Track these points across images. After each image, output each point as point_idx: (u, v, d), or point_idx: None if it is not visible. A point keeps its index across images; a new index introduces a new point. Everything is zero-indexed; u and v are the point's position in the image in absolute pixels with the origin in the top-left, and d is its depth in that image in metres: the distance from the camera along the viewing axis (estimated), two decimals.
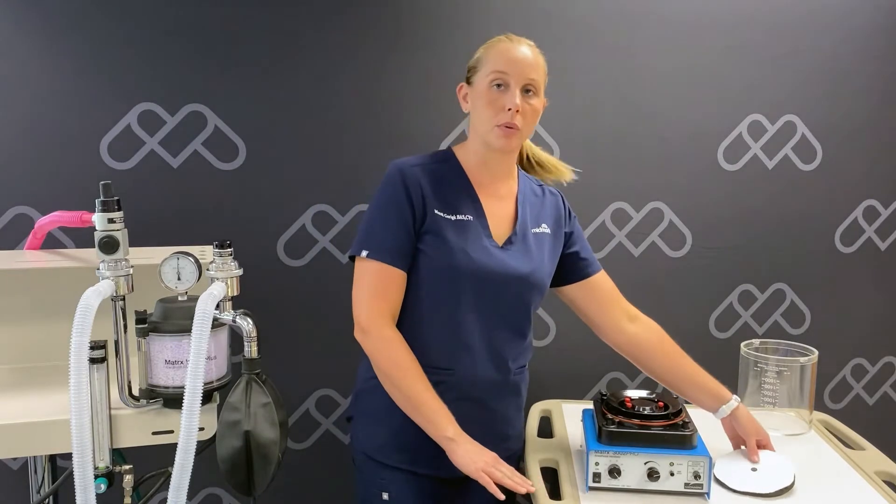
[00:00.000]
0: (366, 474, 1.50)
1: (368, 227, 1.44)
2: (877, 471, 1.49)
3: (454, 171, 1.49)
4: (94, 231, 1.27)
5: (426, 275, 1.42)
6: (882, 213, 2.34)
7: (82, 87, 1.86)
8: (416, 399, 1.37)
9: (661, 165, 2.18)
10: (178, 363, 1.30)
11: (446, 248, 1.41)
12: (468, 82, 1.48)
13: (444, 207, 1.44)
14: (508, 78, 1.41)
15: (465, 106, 1.50)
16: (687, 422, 1.41)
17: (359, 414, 1.53)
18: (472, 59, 1.48)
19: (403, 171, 1.44)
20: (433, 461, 1.42)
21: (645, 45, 2.12)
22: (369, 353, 1.42)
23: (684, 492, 1.36)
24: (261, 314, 1.35)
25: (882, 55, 2.25)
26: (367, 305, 1.40)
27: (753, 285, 2.29)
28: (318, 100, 1.98)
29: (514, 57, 1.42)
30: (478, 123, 1.46)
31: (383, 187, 1.45)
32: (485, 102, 1.42)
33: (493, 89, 1.41)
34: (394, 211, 1.41)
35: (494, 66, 1.42)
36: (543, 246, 1.53)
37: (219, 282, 1.29)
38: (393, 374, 1.39)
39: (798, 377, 1.65)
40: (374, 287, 1.41)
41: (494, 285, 1.44)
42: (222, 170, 1.96)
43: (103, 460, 1.28)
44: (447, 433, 1.34)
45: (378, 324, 1.40)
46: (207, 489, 2.05)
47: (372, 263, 1.40)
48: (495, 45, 1.45)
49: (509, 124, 1.41)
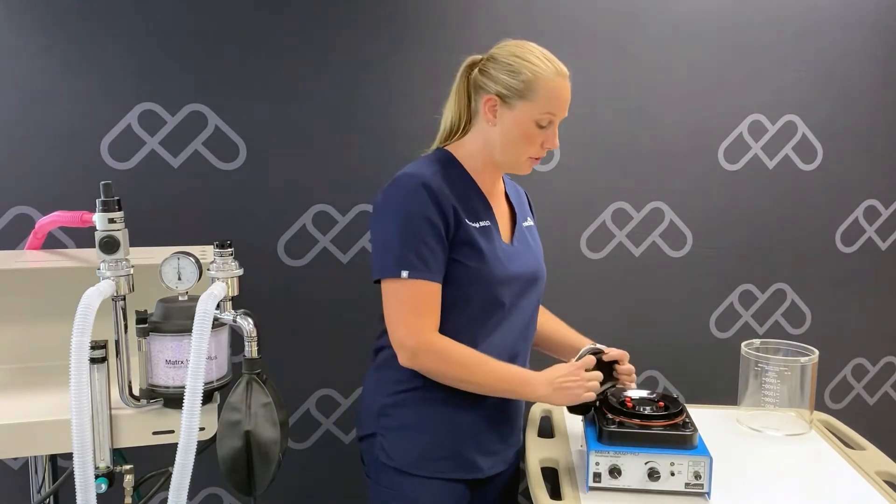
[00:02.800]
0: (393, 489, 1.46)
1: (404, 247, 1.36)
2: (877, 471, 1.49)
3: (463, 177, 1.46)
4: (95, 231, 1.27)
5: (461, 283, 1.40)
6: (883, 213, 2.34)
7: (83, 87, 1.86)
8: (498, 384, 1.42)
9: (661, 165, 2.18)
10: (178, 363, 1.30)
11: (481, 257, 1.40)
12: (503, 101, 1.40)
13: (470, 216, 1.42)
14: (555, 118, 1.40)
15: (490, 119, 1.42)
16: (687, 422, 1.41)
17: (385, 430, 1.47)
18: (514, 78, 1.38)
19: (428, 184, 1.37)
20: (467, 465, 1.46)
21: (645, 45, 2.12)
22: (427, 371, 1.40)
23: (685, 492, 1.36)
24: (261, 314, 1.35)
25: (882, 55, 2.25)
26: (412, 327, 1.37)
27: (754, 285, 2.29)
28: (319, 100, 1.98)
29: (565, 98, 1.40)
30: (503, 148, 1.43)
31: (407, 203, 1.37)
32: (523, 136, 1.40)
33: (535, 126, 1.39)
34: (427, 226, 1.36)
35: (547, 106, 1.38)
36: (536, 238, 1.58)
37: (219, 282, 1.29)
38: (464, 377, 1.40)
39: (798, 377, 1.65)
40: (417, 307, 1.37)
41: (519, 285, 1.47)
42: (223, 170, 1.96)
43: (104, 460, 1.28)
44: (539, 394, 1.41)
45: (426, 342, 1.37)
46: (208, 489, 2.05)
47: (413, 283, 1.36)
48: (551, 80, 1.38)
49: (540, 155, 1.42)
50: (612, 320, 2.18)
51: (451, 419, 1.45)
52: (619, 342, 1.58)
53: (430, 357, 1.38)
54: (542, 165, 2.10)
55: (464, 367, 1.39)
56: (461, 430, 1.46)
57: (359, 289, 2.05)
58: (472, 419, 1.46)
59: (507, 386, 1.42)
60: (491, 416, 1.48)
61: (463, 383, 1.40)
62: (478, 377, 1.40)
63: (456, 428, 1.46)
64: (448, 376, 1.40)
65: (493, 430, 1.50)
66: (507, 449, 1.55)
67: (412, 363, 1.39)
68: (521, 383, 1.41)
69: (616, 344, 1.55)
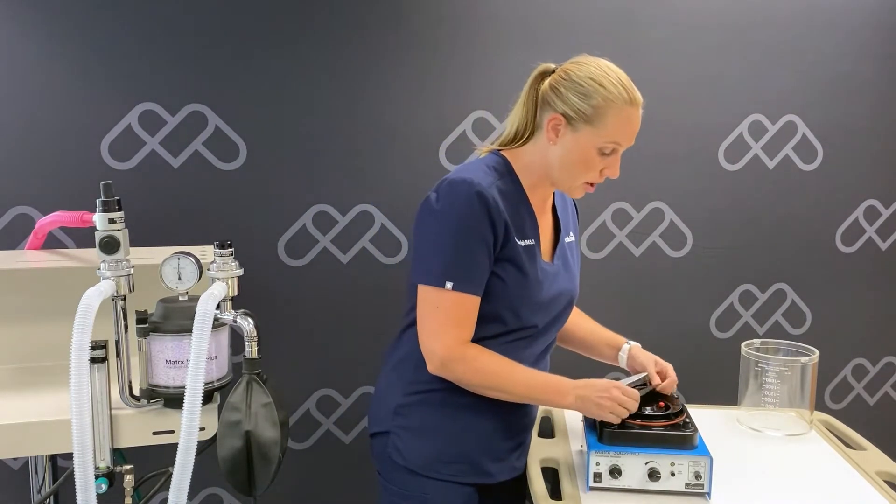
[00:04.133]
0: (405, 489, 1.45)
1: (451, 257, 1.33)
2: (877, 471, 1.49)
3: (517, 190, 1.41)
4: (95, 231, 1.27)
5: (497, 299, 1.38)
6: (883, 213, 2.34)
7: (83, 88, 1.86)
8: (526, 393, 1.40)
9: (661, 165, 2.18)
10: (178, 363, 1.30)
11: (523, 277, 1.38)
12: (569, 122, 1.34)
13: (518, 233, 1.38)
14: (620, 147, 1.35)
15: (552, 139, 1.36)
16: (688, 422, 1.41)
17: (399, 430, 1.45)
18: (585, 102, 1.32)
19: (484, 196, 1.32)
20: (479, 471, 1.45)
21: (645, 45, 2.12)
22: (458, 381, 1.39)
23: (685, 492, 1.36)
24: (261, 314, 1.35)
25: (882, 55, 2.25)
26: (448, 336, 1.35)
27: (754, 285, 2.29)
28: (319, 100, 1.98)
29: (634, 128, 1.35)
30: (561, 169, 1.38)
31: (461, 211, 1.33)
32: (582, 161, 1.35)
33: (597, 153, 1.34)
34: (478, 239, 1.32)
35: (614, 136, 1.33)
36: (575, 255, 1.55)
37: (219, 282, 1.29)
38: (495, 385, 1.38)
39: (799, 377, 1.65)
40: (456, 318, 1.35)
41: (554, 309, 1.45)
42: (223, 170, 1.96)
43: (104, 460, 1.28)
44: (566, 403, 1.38)
45: (459, 352, 1.36)
46: (208, 489, 2.05)
47: (455, 295, 1.33)
48: (622, 110, 1.32)
49: (597, 181, 1.38)
50: (613, 320, 2.18)
51: (466, 424, 1.44)
52: None
53: (460, 366, 1.36)
54: None
55: (495, 376, 1.38)
56: (475, 435, 1.45)
57: (359, 289, 2.05)
58: (488, 426, 1.45)
59: (537, 394, 1.40)
60: (506, 424, 1.47)
61: (492, 391, 1.39)
62: (508, 385, 1.38)
63: (470, 433, 1.44)
64: (477, 385, 1.39)
65: (508, 437, 1.48)
66: (518, 457, 1.53)
67: (442, 371, 1.37)
68: (553, 392, 1.39)
69: None
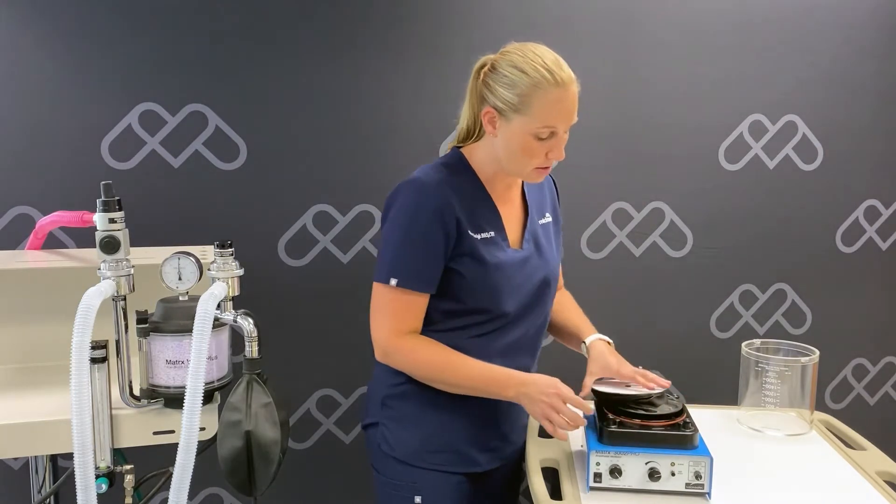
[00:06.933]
0: (396, 480, 1.48)
1: (397, 254, 1.37)
2: (878, 471, 1.49)
3: (473, 183, 1.43)
4: (95, 231, 1.27)
5: (462, 293, 1.40)
6: (883, 213, 2.34)
7: (83, 87, 1.86)
8: (468, 384, 1.40)
9: (661, 165, 2.18)
10: (179, 363, 1.30)
11: (483, 268, 1.39)
12: (502, 114, 1.33)
13: (474, 228, 1.39)
14: (557, 130, 1.33)
15: (491, 131, 1.37)
16: (688, 422, 1.41)
17: (387, 420, 1.49)
18: (510, 91, 1.31)
19: (433, 194, 1.35)
20: (465, 460, 1.46)
21: (645, 44, 2.12)
22: (401, 368, 1.43)
23: (685, 492, 1.36)
24: (261, 314, 1.35)
25: (882, 55, 2.25)
26: (388, 329, 1.39)
27: (754, 285, 2.29)
28: (319, 100, 1.98)
29: (566, 108, 1.31)
30: (508, 160, 1.38)
31: (410, 210, 1.36)
32: (523, 149, 1.33)
33: (535, 139, 1.32)
34: (424, 237, 1.35)
35: (544, 120, 1.30)
36: (549, 236, 1.54)
37: (220, 282, 1.29)
38: (434, 375, 1.41)
39: (799, 377, 1.65)
40: (397, 312, 1.39)
41: (525, 294, 1.45)
42: (223, 170, 1.96)
43: (104, 460, 1.28)
44: (509, 395, 1.37)
45: (397, 342, 1.39)
46: (208, 489, 2.05)
47: (398, 291, 1.37)
48: (549, 93, 1.29)
49: (548, 164, 1.37)
50: (612, 320, 2.18)
51: (449, 414, 1.45)
52: (618, 342, 1.58)
53: (398, 356, 1.41)
54: None
55: (434, 367, 1.40)
56: (458, 425, 1.46)
57: (359, 289, 2.04)
58: (470, 415, 1.46)
59: (481, 386, 1.40)
60: (490, 413, 1.48)
61: (436, 382, 1.41)
62: (449, 377, 1.40)
63: (455, 423, 1.46)
64: (419, 376, 1.42)
65: (493, 426, 1.50)
66: (507, 445, 1.55)
67: (385, 360, 1.43)
68: (494, 384, 1.39)
69: (616, 343, 1.56)
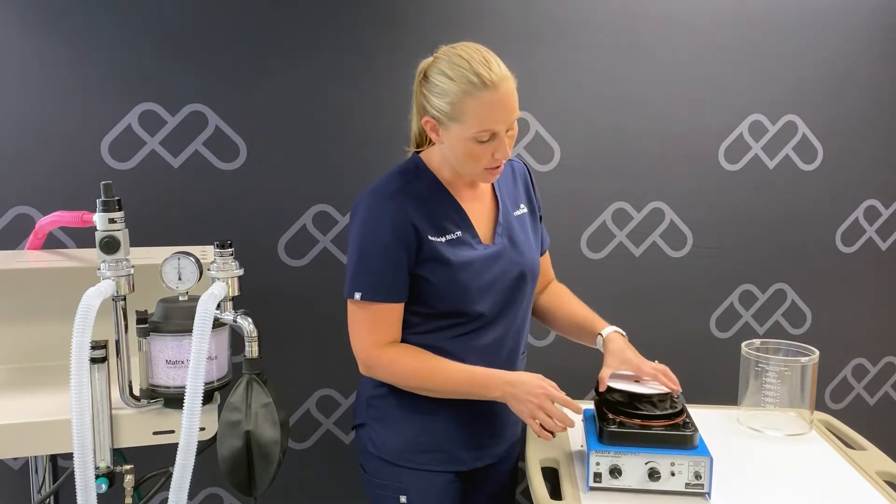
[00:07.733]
0: (382, 479, 1.48)
1: (357, 269, 1.37)
2: (878, 471, 1.49)
3: (432, 186, 1.42)
4: (95, 231, 1.27)
5: (432, 298, 1.40)
6: (883, 213, 2.34)
7: (83, 87, 1.86)
8: (452, 388, 1.40)
9: (661, 165, 2.18)
10: (178, 363, 1.31)
11: (450, 270, 1.38)
12: (440, 123, 1.32)
13: (435, 232, 1.38)
14: (497, 131, 1.30)
15: (436, 139, 1.36)
16: (688, 422, 1.41)
17: (372, 421, 1.50)
18: (442, 100, 1.29)
19: (386, 205, 1.35)
20: (452, 459, 1.46)
21: (645, 44, 2.12)
22: (385, 380, 1.44)
23: (685, 492, 1.36)
24: (261, 314, 1.35)
25: (882, 55, 2.25)
26: (366, 342, 1.40)
27: (754, 285, 2.29)
28: (319, 100, 1.98)
29: (499, 109, 1.28)
30: (457, 164, 1.37)
31: (366, 223, 1.36)
32: (467, 154, 1.32)
33: (477, 143, 1.30)
34: (383, 249, 1.35)
35: (480, 125, 1.28)
36: (526, 227, 1.52)
37: (220, 282, 1.29)
38: (418, 384, 1.41)
39: (799, 377, 1.65)
40: (370, 325, 1.40)
41: (500, 290, 1.44)
42: (223, 170, 1.96)
43: (104, 460, 1.28)
44: (495, 395, 1.37)
45: (377, 354, 1.40)
46: (208, 489, 2.05)
47: (364, 304, 1.38)
48: (476, 97, 1.26)
49: (497, 164, 1.35)
50: (612, 320, 2.18)
51: (433, 414, 1.45)
52: None
53: (380, 370, 1.42)
54: (542, 165, 2.10)
55: (414, 376, 1.40)
56: (445, 424, 1.46)
57: None
58: (455, 414, 1.46)
59: (463, 388, 1.40)
60: (474, 411, 1.47)
61: (421, 391, 1.42)
62: (429, 384, 1.40)
63: (439, 422, 1.46)
64: (405, 386, 1.43)
65: (479, 424, 1.49)
66: (497, 444, 1.54)
67: (369, 374, 1.44)
68: (478, 386, 1.38)
69: None
